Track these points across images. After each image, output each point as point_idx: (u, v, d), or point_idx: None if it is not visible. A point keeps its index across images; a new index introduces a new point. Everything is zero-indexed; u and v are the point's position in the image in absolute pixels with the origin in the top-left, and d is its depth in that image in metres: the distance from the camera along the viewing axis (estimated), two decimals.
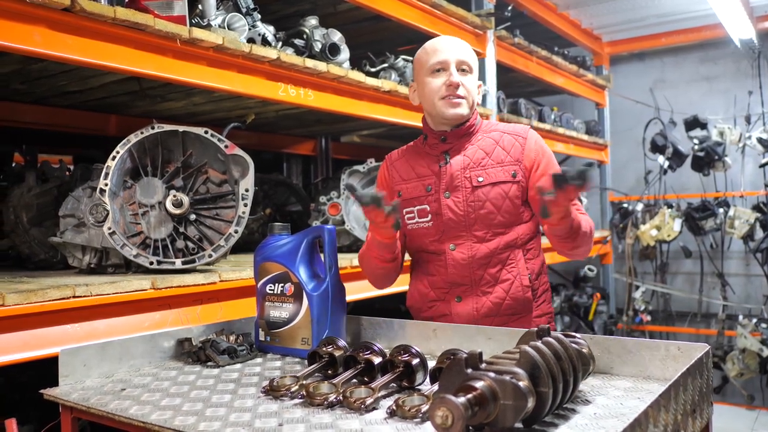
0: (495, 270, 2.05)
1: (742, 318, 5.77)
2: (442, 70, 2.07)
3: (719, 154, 5.89)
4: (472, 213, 2.04)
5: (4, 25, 1.81)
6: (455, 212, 2.05)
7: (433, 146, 2.13)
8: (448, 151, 2.10)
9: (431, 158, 2.13)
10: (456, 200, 2.06)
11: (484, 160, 2.07)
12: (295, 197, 4.25)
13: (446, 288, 2.09)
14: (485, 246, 2.05)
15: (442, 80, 2.06)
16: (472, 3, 4.22)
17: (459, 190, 2.06)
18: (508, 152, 2.07)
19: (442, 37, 2.20)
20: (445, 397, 1.02)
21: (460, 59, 2.07)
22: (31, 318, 1.81)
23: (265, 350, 1.91)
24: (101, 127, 3.76)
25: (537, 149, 2.09)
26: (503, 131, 2.12)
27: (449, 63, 2.06)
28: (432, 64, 2.08)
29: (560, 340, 1.27)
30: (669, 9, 5.72)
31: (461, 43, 2.13)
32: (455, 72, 2.05)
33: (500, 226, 2.05)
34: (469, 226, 2.05)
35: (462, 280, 2.06)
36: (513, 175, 2.05)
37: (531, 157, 2.07)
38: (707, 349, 1.46)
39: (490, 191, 2.04)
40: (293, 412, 1.32)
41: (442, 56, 2.07)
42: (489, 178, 2.04)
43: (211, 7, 2.48)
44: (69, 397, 1.48)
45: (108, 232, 2.23)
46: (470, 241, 2.05)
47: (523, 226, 2.09)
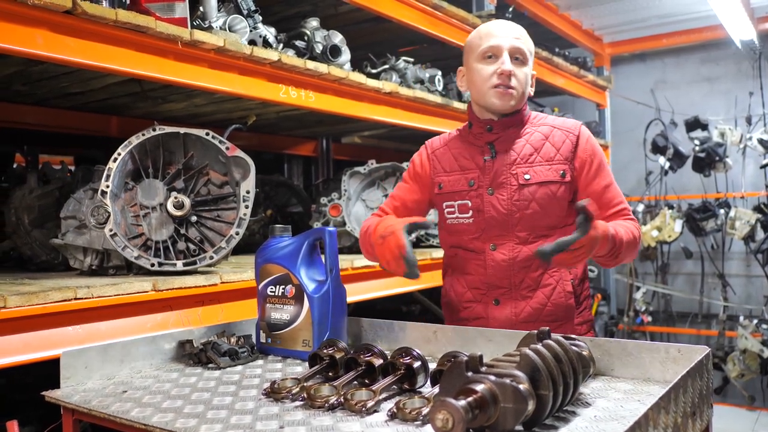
0: (537, 274, 1.97)
1: (742, 319, 5.78)
2: (494, 57, 1.95)
3: (720, 155, 5.89)
4: (517, 212, 1.95)
5: (5, 28, 1.81)
6: (498, 211, 1.96)
7: (478, 136, 2.02)
8: (494, 143, 2.00)
9: (475, 149, 2.03)
10: (500, 198, 1.96)
11: (532, 156, 1.96)
12: (296, 198, 4.26)
13: (484, 289, 2.01)
14: (528, 248, 1.95)
15: (494, 68, 1.94)
16: (473, 4, 4.22)
17: (504, 188, 1.96)
18: (558, 149, 1.96)
19: (498, 20, 2.05)
20: (446, 400, 1.02)
21: (515, 46, 1.94)
22: (33, 320, 1.82)
23: (266, 352, 1.91)
24: (102, 128, 3.77)
25: (589, 150, 1.98)
26: (553, 125, 2.01)
27: (502, 49, 1.93)
28: (484, 49, 1.95)
29: (560, 343, 1.27)
30: (670, 10, 5.72)
31: (518, 28, 1.99)
32: (508, 60, 1.93)
33: (545, 227, 1.96)
34: (512, 226, 1.96)
35: (501, 283, 1.98)
36: (562, 175, 1.95)
37: (582, 158, 1.97)
38: (707, 351, 1.46)
39: (537, 191, 1.94)
40: (294, 414, 1.33)
41: (496, 41, 1.94)
42: (536, 177, 1.94)
43: (212, 9, 2.48)
44: (71, 399, 1.49)
45: (109, 234, 2.23)
46: (512, 241, 1.96)
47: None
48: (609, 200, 1.98)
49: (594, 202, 1.89)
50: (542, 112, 2.06)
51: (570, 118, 2.08)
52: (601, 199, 1.96)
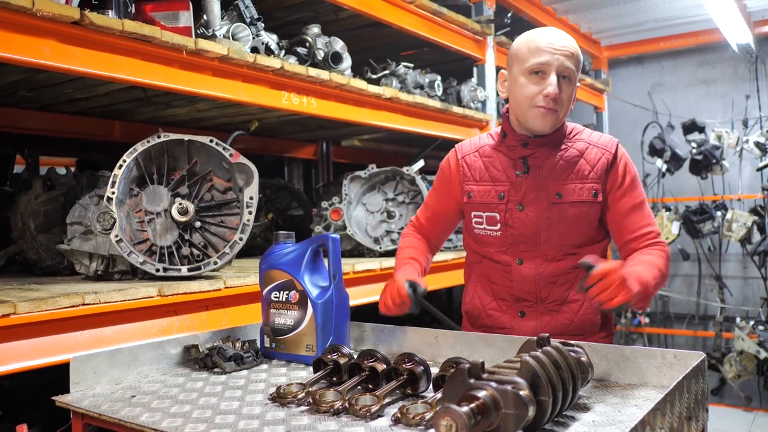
0: (563, 289, 1.94)
1: (739, 320, 5.81)
2: (542, 74, 1.85)
3: (717, 158, 5.93)
4: (545, 231, 1.91)
5: (14, 39, 1.85)
6: (527, 227, 1.92)
7: (512, 148, 1.96)
8: (528, 158, 1.93)
9: (508, 161, 1.97)
10: (530, 215, 1.91)
11: (565, 173, 1.91)
12: (296, 202, 4.29)
13: (510, 301, 1.99)
14: (554, 265, 1.92)
15: (539, 88, 1.85)
16: (472, 10, 4.26)
17: (534, 205, 1.91)
18: (592, 168, 1.91)
19: (550, 30, 1.92)
20: (449, 406, 1.05)
21: (564, 65, 1.84)
22: (42, 325, 1.85)
23: (270, 356, 1.95)
24: (105, 132, 3.80)
25: (622, 168, 1.92)
26: (590, 142, 1.95)
27: (551, 67, 1.84)
28: (532, 65, 1.86)
29: (559, 350, 1.31)
30: (667, 14, 5.75)
31: (570, 43, 1.88)
32: (555, 81, 1.83)
33: (573, 246, 1.92)
34: (540, 243, 1.92)
35: (527, 296, 1.96)
36: (594, 195, 1.90)
37: (614, 176, 1.92)
38: (703, 356, 1.50)
39: (568, 210, 1.90)
40: (300, 419, 1.36)
41: (546, 58, 1.84)
42: (568, 196, 1.89)
43: (215, 17, 2.52)
44: (80, 404, 1.51)
45: (115, 240, 2.26)
46: (539, 258, 1.93)
47: (596, 248, 1.96)
48: (637, 220, 1.93)
49: (619, 220, 1.92)
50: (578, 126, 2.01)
51: (606, 135, 2.02)
52: (626, 219, 1.93)
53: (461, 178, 2.05)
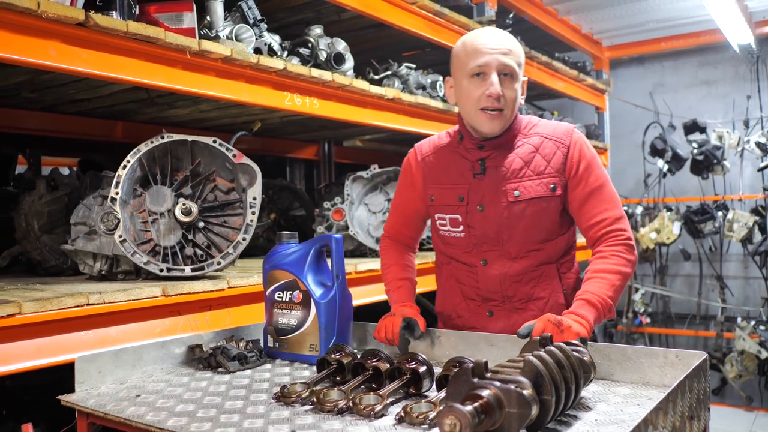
0: (528, 287, 1.95)
1: (740, 320, 5.82)
2: (483, 75, 1.86)
3: (718, 158, 5.93)
4: (507, 230, 1.91)
5: (20, 40, 1.85)
6: (488, 228, 1.93)
7: (470, 150, 1.97)
8: (485, 159, 1.94)
9: (466, 163, 1.97)
10: (490, 215, 1.92)
11: (522, 170, 1.91)
12: (299, 202, 4.30)
13: (478, 301, 2.00)
14: (517, 264, 1.93)
15: (482, 89, 1.86)
16: (474, 10, 4.26)
17: (494, 205, 1.92)
18: (548, 162, 1.90)
19: (486, 32, 1.92)
20: (453, 405, 1.06)
21: (503, 62, 1.84)
22: (47, 325, 1.86)
23: (273, 356, 1.96)
24: (108, 133, 3.81)
25: (577, 156, 1.90)
26: (545, 135, 1.93)
27: (491, 68, 1.85)
28: (471, 67, 1.87)
29: (562, 349, 1.32)
30: (668, 14, 5.76)
31: (506, 41, 1.88)
32: (497, 81, 1.84)
33: (536, 242, 1.93)
34: (503, 242, 1.93)
35: (494, 296, 1.97)
36: (552, 189, 1.89)
37: (570, 165, 1.90)
38: (705, 356, 1.51)
39: (527, 208, 1.90)
40: (305, 418, 1.37)
41: (484, 60, 1.85)
42: (526, 193, 1.89)
43: (219, 18, 2.53)
44: (86, 403, 1.53)
45: (119, 240, 2.27)
46: (503, 257, 1.94)
47: (560, 241, 1.96)
48: (592, 207, 1.91)
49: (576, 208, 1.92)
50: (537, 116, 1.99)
51: (563, 123, 2.00)
52: (583, 207, 1.92)
53: (423, 180, 2.06)
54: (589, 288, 1.80)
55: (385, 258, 2.20)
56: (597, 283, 1.81)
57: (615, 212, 1.90)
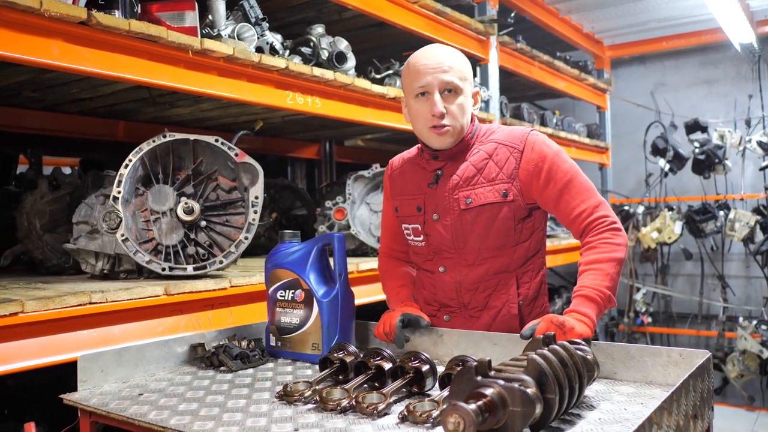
0: (483, 296, 1.96)
1: (742, 320, 5.81)
2: (426, 95, 1.89)
3: (720, 157, 5.92)
4: (461, 237, 1.93)
5: (23, 39, 1.86)
6: (443, 236, 1.95)
7: (428, 161, 2.01)
8: (442, 168, 1.98)
9: (425, 174, 2.01)
10: (444, 224, 1.95)
11: (474, 177, 1.92)
12: (300, 201, 4.30)
13: (437, 306, 2.04)
14: (473, 272, 1.95)
15: (426, 108, 1.89)
16: (475, 9, 4.26)
17: (447, 213, 1.94)
18: (500, 168, 1.91)
19: (425, 52, 1.95)
20: (457, 404, 1.06)
21: (444, 80, 1.87)
22: (50, 324, 1.86)
23: (276, 355, 1.95)
24: (109, 132, 3.82)
25: (534, 158, 1.89)
26: (499, 141, 1.94)
27: (433, 87, 1.87)
28: (414, 88, 1.91)
29: (566, 348, 1.31)
30: (670, 13, 5.76)
31: (445, 57, 1.91)
32: (439, 100, 1.87)
33: (491, 249, 1.93)
34: (458, 249, 1.95)
35: (450, 303, 2.00)
36: (504, 195, 1.89)
37: (527, 169, 1.89)
38: (708, 355, 1.50)
39: (479, 214, 1.91)
40: (307, 417, 1.37)
41: (424, 80, 1.88)
42: (477, 200, 1.90)
43: (221, 17, 2.53)
44: (89, 402, 1.52)
45: (121, 239, 2.28)
46: (459, 264, 1.96)
47: (519, 248, 1.95)
48: (566, 204, 1.89)
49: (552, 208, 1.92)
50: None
51: (520, 127, 1.99)
52: (559, 205, 1.90)
53: (391, 192, 2.12)
54: (585, 282, 1.79)
55: (383, 275, 2.24)
56: (592, 275, 1.80)
57: (592, 201, 1.88)
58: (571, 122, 5.70)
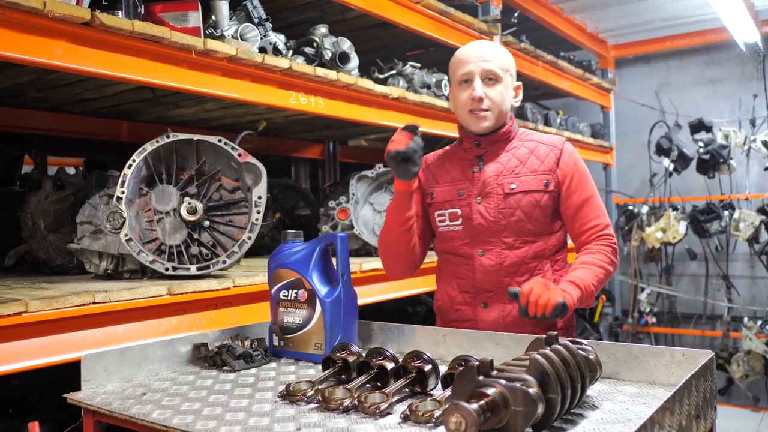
0: (522, 279, 2.06)
1: (747, 320, 5.79)
2: (468, 82, 2.09)
3: (724, 157, 5.90)
4: (503, 219, 2.07)
5: (26, 40, 1.86)
6: (486, 218, 2.08)
7: (468, 150, 2.16)
8: (482, 156, 2.13)
9: (465, 162, 2.16)
10: (487, 206, 2.08)
11: (517, 168, 2.10)
12: (304, 201, 4.30)
13: (473, 292, 2.12)
14: (513, 254, 2.07)
15: (467, 94, 2.08)
16: (479, 9, 4.26)
17: (491, 197, 2.09)
18: (542, 161, 2.09)
19: (471, 45, 2.17)
20: (459, 403, 1.06)
21: (485, 69, 2.07)
22: (53, 324, 1.87)
23: (279, 355, 1.96)
24: (113, 132, 3.83)
25: (571, 163, 2.11)
26: (539, 141, 2.15)
27: (474, 74, 2.07)
28: (458, 76, 2.11)
29: (568, 347, 1.31)
30: (674, 13, 5.74)
31: (488, 50, 2.12)
32: (479, 85, 2.06)
33: (529, 234, 2.08)
34: (498, 232, 2.08)
35: (489, 287, 2.09)
36: (545, 185, 2.07)
37: (564, 170, 2.09)
38: (711, 355, 1.50)
39: (522, 199, 2.06)
40: (310, 416, 1.37)
41: (467, 68, 2.08)
42: (521, 186, 2.07)
43: (224, 17, 2.53)
44: (92, 401, 1.53)
45: (125, 239, 2.28)
46: (499, 247, 2.08)
47: (553, 237, 2.12)
48: (585, 215, 2.10)
49: (570, 214, 2.11)
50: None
51: (554, 135, 2.22)
52: (578, 213, 2.10)
53: (425, 183, 2.23)
54: (577, 274, 1.99)
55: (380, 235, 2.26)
56: (584, 271, 2.00)
57: (605, 220, 2.12)
58: (575, 122, 5.69)
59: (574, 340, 1.47)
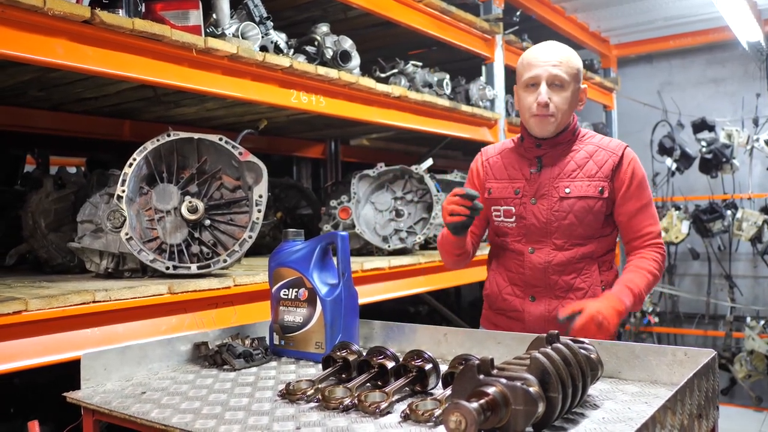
0: (570, 277, 2.13)
1: (749, 320, 5.78)
2: (535, 85, 2.10)
3: (727, 157, 5.89)
4: (555, 222, 2.11)
5: (27, 38, 1.86)
6: (538, 219, 2.13)
7: (528, 149, 2.19)
8: (541, 157, 2.17)
9: (524, 161, 2.20)
10: (541, 207, 2.13)
11: (575, 172, 2.12)
12: (305, 201, 4.29)
13: (522, 286, 2.19)
14: (562, 254, 2.12)
15: (533, 97, 2.10)
16: (481, 8, 4.25)
17: (545, 198, 2.13)
18: (600, 167, 2.12)
19: (541, 46, 2.17)
20: (459, 402, 1.06)
21: (552, 74, 2.07)
22: (53, 322, 1.86)
23: (279, 354, 1.95)
24: (115, 131, 3.82)
25: (629, 171, 2.12)
26: (599, 145, 2.16)
27: (541, 79, 2.08)
28: (525, 79, 2.12)
29: (569, 346, 1.31)
30: (677, 12, 5.73)
31: (558, 54, 2.11)
32: (545, 91, 2.07)
33: (580, 237, 2.12)
34: (549, 233, 2.13)
35: (537, 282, 2.15)
36: (600, 191, 2.10)
37: (622, 178, 2.12)
38: (713, 354, 1.49)
39: (576, 204, 2.10)
40: (310, 415, 1.36)
41: (534, 72, 2.09)
42: (576, 191, 2.10)
43: (225, 16, 2.53)
44: (91, 400, 1.52)
45: (125, 238, 2.28)
46: (549, 247, 2.13)
47: (603, 240, 2.16)
48: (638, 222, 2.15)
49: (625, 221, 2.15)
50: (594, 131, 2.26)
51: (616, 140, 2.22)
52: (631, 221, 2.15)
53: (485, 177, 2.28)
54: (630, 277, 2.07)
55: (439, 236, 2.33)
56: (636, 275, 2.08)
57: (657, 228, 2.17)
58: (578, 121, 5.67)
59: (576, 339, 1.46)
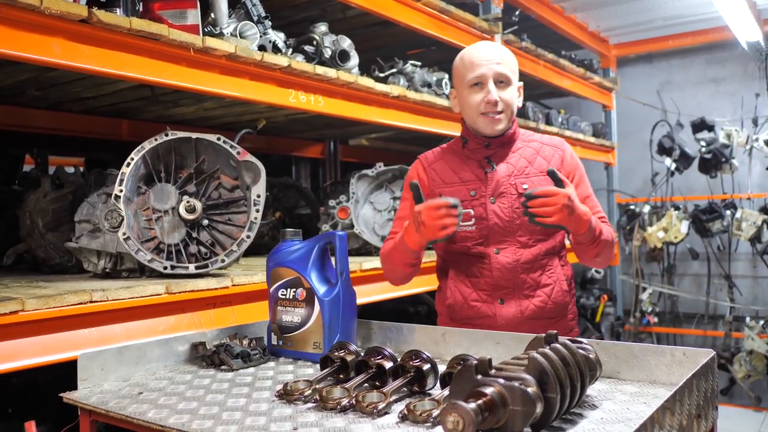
0: (536, 275, 2.13)
1: (749, 320, 5.77)
2: (481, 85, 2.10)
3: (726, 157, 5.89)
4: (517, 219, 2.11)
5: (23, 37, 1.85)
6: (500, 218, 2.11)
7: (475, 150, 2.18)
8: (491, 157, 2.16)
9: (474, 163, 2.18)
10: (502, 206, 2.12)
11: (527, 168, 2.14)
12: (304, 200, 4.29)
13: (489, 290, 2.15)
14: (528, 251, 2.12)
15: (480, 96, 2.09)
16: (480, 8, 4.25)
17: (505, 197, 2.12)
18: (549, 162, 2.15)
19: (479, 46, 2.18)
20: (456, 403, 1.05)
21: (497, 72, 2.09)
22: (50, 323, 1.86)
23: (277, 354, 1.95)
24: (113, 131, 3.82)
25: (573, 164, 2.20)
26: (542, 142, 2.20)
27: (487, 78, 2.08)
28: (470, 79, 2.11)
29: (567, 346, 1.30)
30: (676, 12, 5.73)
31: (499, 52, 2.13)
32: (493, 89, 2.08)
33: (541, 233, 2.13)
34: (513, 231, 2.12)
35: (506, 284, 2.13)
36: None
37: (567, 170, 2.16)
38: (712, 354, 1.49)
39: None
40: (307, 416, 1.36)
41: (479, 71, 2.09)
42: (533, 186, 2.09)
43: (223, 15, 2.52)
44: (88, 400, 1.52)
45: (123, 238, 2.27)
46: (514, 245, 2.12)
47: (558, 235, 2.18)
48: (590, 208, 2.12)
49: None
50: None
51: (554, 137, 2.31)
52: None
53: (431, 183, 2.22)
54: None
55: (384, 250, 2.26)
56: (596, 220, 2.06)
57: (603, 213, 2.19)
58: (577, 121, 5.67)
59: (574, 339, 1.46)
